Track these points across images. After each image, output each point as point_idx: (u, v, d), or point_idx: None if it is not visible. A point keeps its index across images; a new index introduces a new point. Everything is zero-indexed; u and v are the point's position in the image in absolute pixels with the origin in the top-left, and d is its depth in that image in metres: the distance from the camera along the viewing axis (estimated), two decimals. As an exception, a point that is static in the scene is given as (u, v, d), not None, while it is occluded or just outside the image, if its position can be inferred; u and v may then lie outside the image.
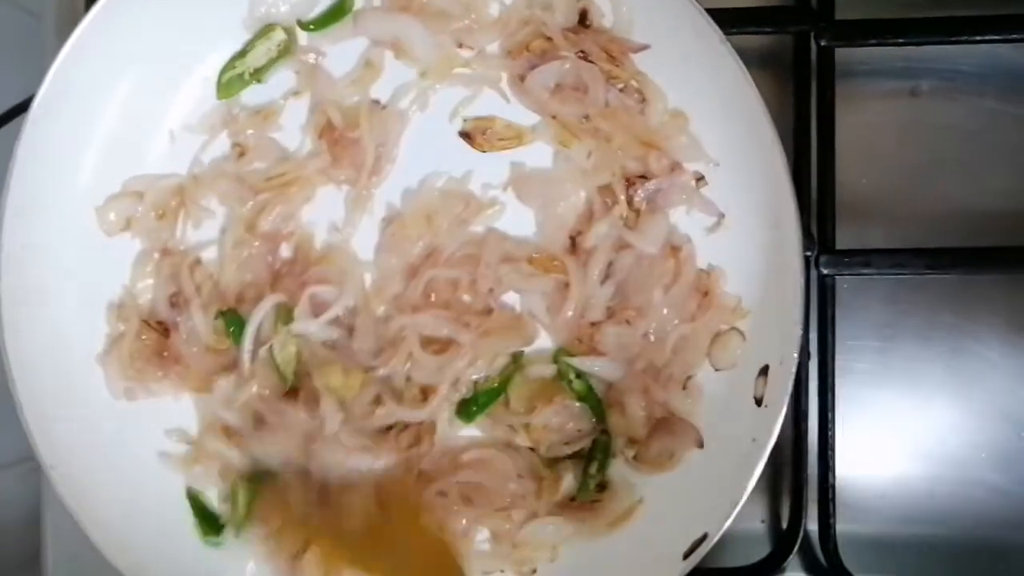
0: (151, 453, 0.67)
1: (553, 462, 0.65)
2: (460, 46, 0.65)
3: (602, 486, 0.65)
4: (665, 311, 0.64)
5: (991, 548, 0.69)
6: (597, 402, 0.64)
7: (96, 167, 0.66)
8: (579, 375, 0.64)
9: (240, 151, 0.67)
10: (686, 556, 0.59)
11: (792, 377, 0.58)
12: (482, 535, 0.66)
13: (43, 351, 0.64)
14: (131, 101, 0.66)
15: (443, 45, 0.64)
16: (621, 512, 0.64)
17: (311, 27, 0.67)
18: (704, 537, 0.58)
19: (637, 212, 0.64)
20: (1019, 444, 0.69)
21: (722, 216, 0.63)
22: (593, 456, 0.64)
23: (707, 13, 0.57)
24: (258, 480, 0.65)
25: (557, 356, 0.65)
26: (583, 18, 0.62)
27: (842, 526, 0.67)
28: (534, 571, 0.65)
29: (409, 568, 0.62)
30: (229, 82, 0.68)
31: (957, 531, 0.70)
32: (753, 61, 0.68)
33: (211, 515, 0.67)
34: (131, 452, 0.66)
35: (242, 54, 0.67)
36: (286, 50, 0.67)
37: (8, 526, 0.86)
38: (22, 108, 0.76)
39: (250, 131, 0.67)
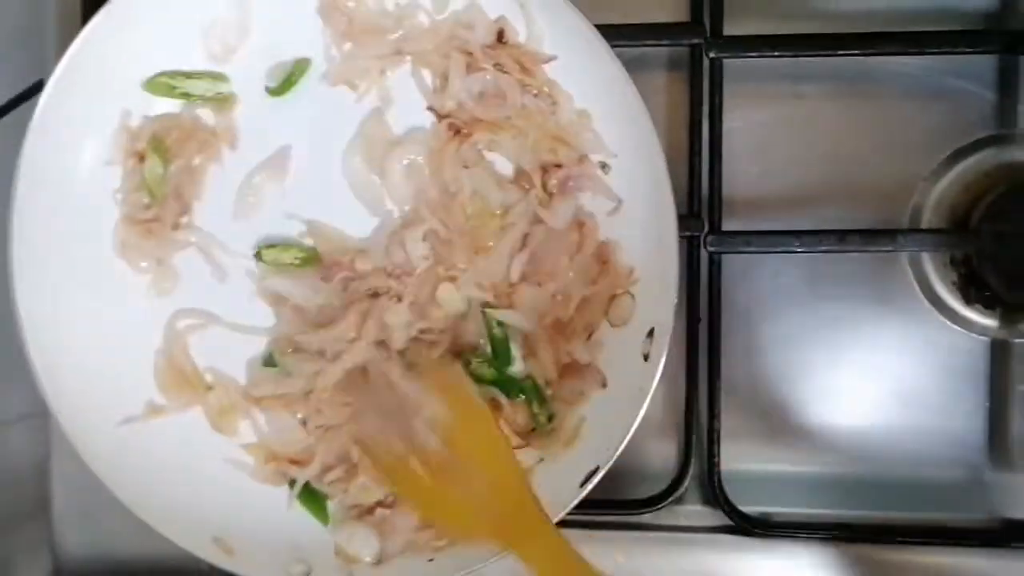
0: (149, 394, 0.76)
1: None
2: (399, 53, 0.74)
3: (551, 417, 0.75)
4: (571, 275, 0.74)
5: (862, 481, 0.80)
6: (507, 349, 0.75)
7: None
8: (500, 324, 0.75)
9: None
10: (582, 485, 0.70)
11: (668, 336, 0.69)
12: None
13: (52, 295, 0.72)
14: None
15: (381, 57, 0.73)
16: (572, 432, 0.74)
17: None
18: (596, 469, 0.70)
19: (550, 195, 0.74)
20: (887, 396, 0.80)
21: (620, 202, 0.73)
22: (530, 400, 0.75)
23: (598, 31, 0.66)
24: None
25: (483, 310, 0.75)
26: (500, 36, 0.72)
27: (730, 465, 0.78)
28: None
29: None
30: (157, 84, 0.71)
31: (832, 468, 0.80)
32: (660, 66, 0.80)
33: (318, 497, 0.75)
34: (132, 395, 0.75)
35: (187, 75, 0.72)
36: (224, 101, 0.73)
37: (18, 477, 0.92)
38: (26, 96, 0.84)
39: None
